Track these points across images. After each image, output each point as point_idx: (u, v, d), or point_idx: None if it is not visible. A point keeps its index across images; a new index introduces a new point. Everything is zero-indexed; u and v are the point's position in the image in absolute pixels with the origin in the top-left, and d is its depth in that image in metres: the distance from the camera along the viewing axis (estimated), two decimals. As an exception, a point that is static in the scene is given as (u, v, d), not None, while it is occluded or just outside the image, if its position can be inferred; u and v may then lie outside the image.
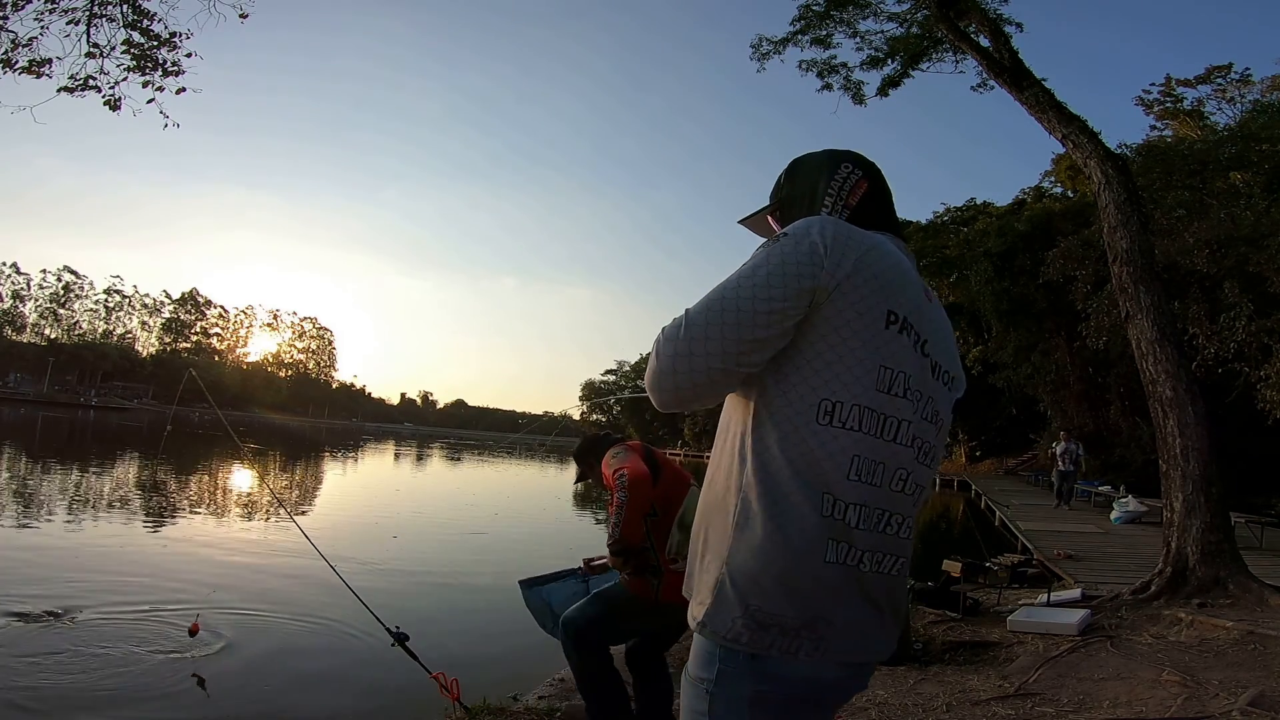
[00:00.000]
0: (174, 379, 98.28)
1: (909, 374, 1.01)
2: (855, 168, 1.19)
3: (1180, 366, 5.83)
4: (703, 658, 0.99)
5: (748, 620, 0.94)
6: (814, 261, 0.96)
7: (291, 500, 14.52)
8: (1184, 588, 5.38)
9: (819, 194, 1.18)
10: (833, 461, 0.95)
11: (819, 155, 1.23)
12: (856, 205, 1.17)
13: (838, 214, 1.15)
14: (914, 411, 1.01)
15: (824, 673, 0.98)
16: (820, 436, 0.96)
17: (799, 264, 0.96)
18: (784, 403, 0.98)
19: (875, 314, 0.98)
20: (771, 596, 0.94)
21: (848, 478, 0.96)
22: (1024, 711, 3.28)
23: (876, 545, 0.98)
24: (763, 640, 0.94)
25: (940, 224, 37.87)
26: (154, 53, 6.89)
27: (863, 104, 10.13)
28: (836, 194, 1.17)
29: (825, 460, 0.95)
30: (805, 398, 0.97)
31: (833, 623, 0.96)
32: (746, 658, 0.96)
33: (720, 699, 0.97)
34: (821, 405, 0.96)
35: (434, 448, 50.07)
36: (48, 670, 4.16)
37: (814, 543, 0.94)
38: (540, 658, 5.02)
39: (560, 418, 20.38)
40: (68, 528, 8.70)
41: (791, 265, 0.96)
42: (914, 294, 1.04)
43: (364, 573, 7.52)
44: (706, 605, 0.98)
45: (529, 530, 11.92)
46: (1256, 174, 15.10)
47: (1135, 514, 11.55)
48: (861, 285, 0.98)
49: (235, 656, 4.66)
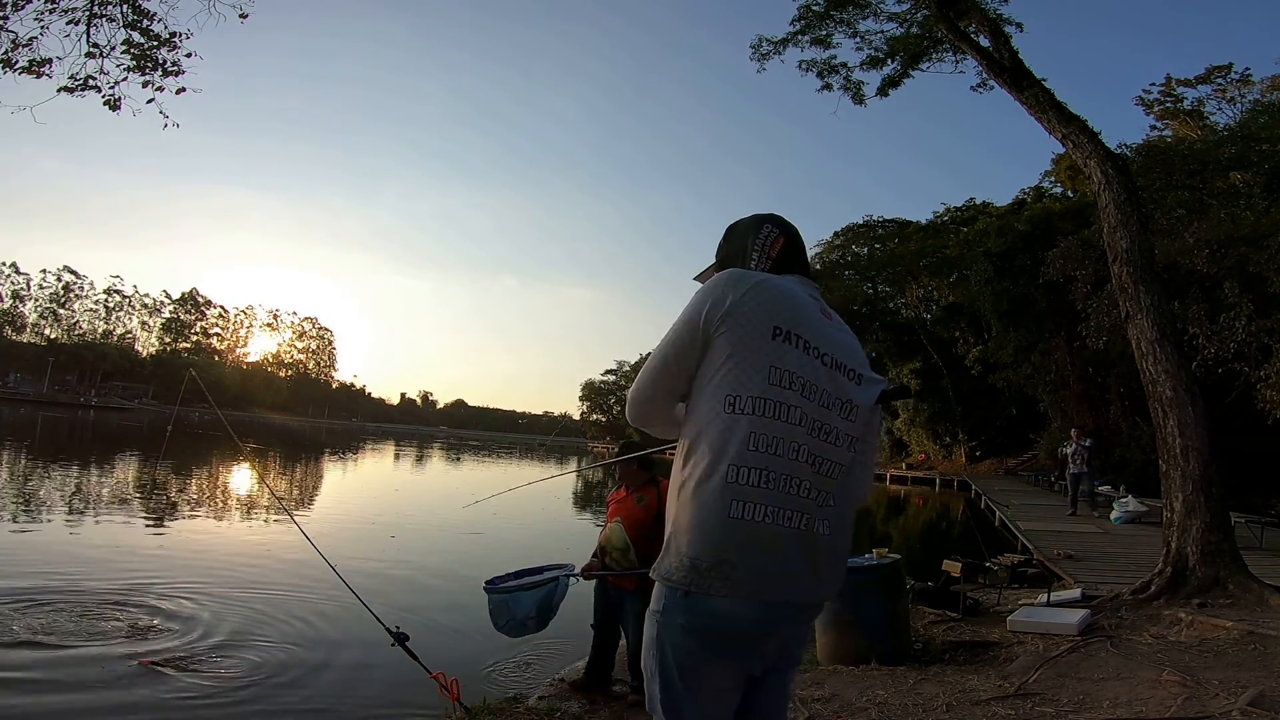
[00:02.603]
0: (174, 379, 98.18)
1: (794, 372, 1.31)
2: (774, 227, 1.53)
3: (1180, 366, 5.83)
4: (656, 595, 1.31)
5: (678, 562, 1.26)
6: (700, 308, 1.33)
7: (291, 500, 14.52)
8: (1184, 588, 5.38)
9: (748, 250, 1.51)
10: (736, 438, 1.26)
11: (748, 220, 1.57)
12: (776, 256, 1.51)
13: (763, 265, 1.48)
14: (804, 400, 1.31)
15: (741, 609, 1.25)
16: (726, 421, 1.28)
17: (691, 313, 1.34)
18: (703, 400, 1.32)
19: (763, 329, 1.31)
20: (692, 544, 1.25)
21: (747, 449, 1.25)
22: (1024, 711, 3.27)
23: (782, 504, 1.26)
24: (687, 579, 1.24)
25: (940, 224, 37.86)
26: (154, 53, 6.88)
27: (863, 104, 10.14)
28: (761, 249, 1.51)
29: (730, 438, 1.26)
30: (715, 395, 1.30)
31: (737, 565, 1.23)
32: (681, 594, 1.26)
33: (665, 626, 1.28)
34: (726, 399, 1.29)
35: (441, 447, 50.06)
36: (40, 679, 4.16)
37: (719, 500, 1.24)
38: (540, 658, 5.02)
39: (561, 418, 20.36)
40: (68, 527, 8.71)
41: (688, 315, 1.35)
42: (804, 314, 1.36)
43: (363, 572, 7.52)
44: (663, 559, 1.30)
45: (528, 530, 11.92)
46: (1256, 174, 15.10)
47: (1135, 514, 11.54)
48: (750, 310, 1.31)
49: (234, 657, 4.65)
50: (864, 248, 40.09)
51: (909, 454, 36.48)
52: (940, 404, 34.11)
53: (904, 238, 37.42)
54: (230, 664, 4.53)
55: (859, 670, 4.07)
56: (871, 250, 39.60)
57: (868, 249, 39.85)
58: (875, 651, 4.25)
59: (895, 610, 4.43)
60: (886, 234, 38.76)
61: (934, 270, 36.58)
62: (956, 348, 29.74)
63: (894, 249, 37.68)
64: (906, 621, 4.64)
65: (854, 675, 3.96)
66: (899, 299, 41.85)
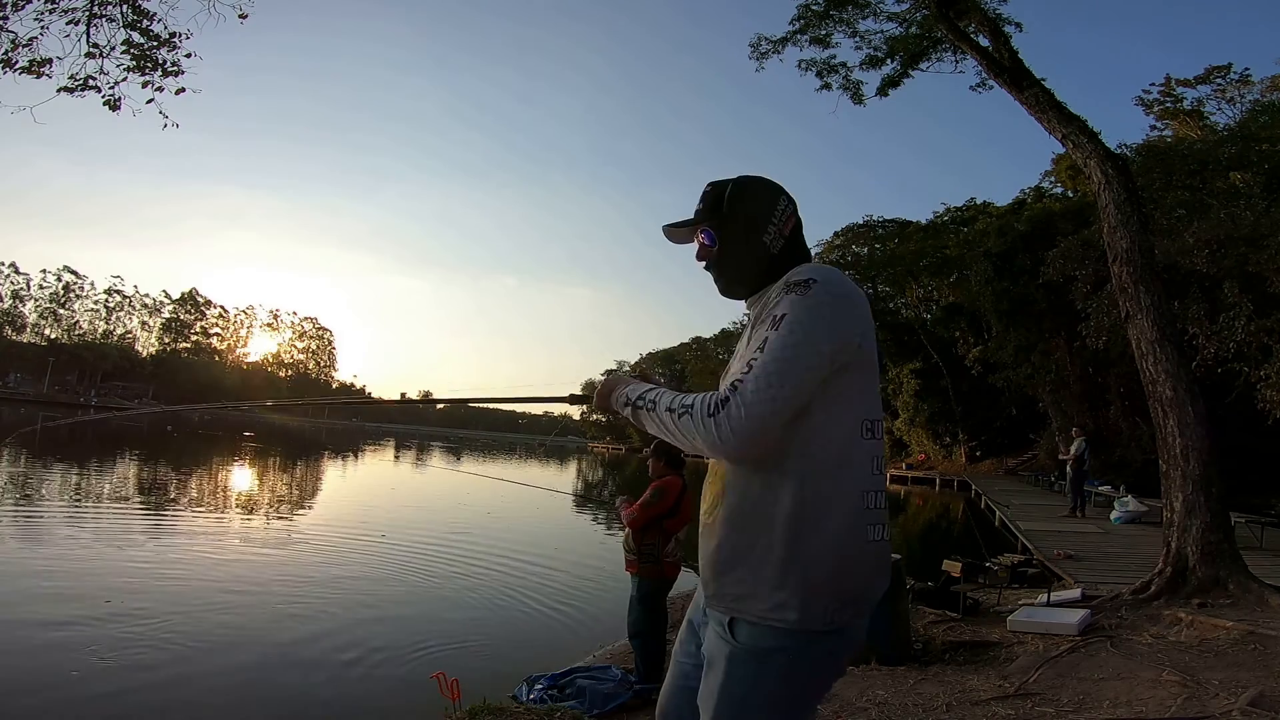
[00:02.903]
0: (174, 379, 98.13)
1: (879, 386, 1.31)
2: (789, 202, 1.38)
3: (1180, 366, 5.83)
4: (775, 636, 1.19)
5: (834, 604, 1.18)
6: (844, 336, 1.21)
7: (291, 500, 14.53)
8: (1184, 588, 5.38)
9: (760, 222, 1.35)
10: (866, 461, 1.23)
11: (758, 184, 1.39)
12: (790, 235, 1.37)
13: (778, 243, 1.35)
14: (882, 413, 1.33)
15: (859, 633, 1.25)
16: (863, 447, 1.23)
17: (839, 327, 1.20)
18: (827, 422, 1.20)
19: (874, 351, 1.27)
20: (847, 580, 1.19)
21: (872, 472, 1.23)
22: (1024, 711, 3.27)
23: (881, 519, 1.25)
24: (844, 616, 1.19)
25: (940, 224, 37.82)
26: (154, 53, 6.88)
27: (862, 104, 10.12)
28: (779, 224, 1.36)
29: (863, 463, 1.22)
30: (845, 418, 1.22)
31: (875, 587, 1.23)
32: (821, 632, 1.18)
33: (789, 670, 1.19)
34: (863, 424, 1.23)
35: (443, 449, 50.07)
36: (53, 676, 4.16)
37: (858, 526, 1.20)
38: (540, 658, 5.02)
39: (560, 418, 20.39)
40: (68, 531, 8.71)
41: (833, 328, 1.20)
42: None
43: (363, 572, 7.53)
44: (788, 602, 1.17)
45: (527, 530, 11.91)
46: (1256, 174, 15.09)
47: (1135, 514, 11.54)
48: (871, 331, 1.25)
49: (234, 657, 4.65)
50: (864, 248, 40.08)
51: (909, 454, 36.45)
52: (940, 404, 34.09)
53: (904, 238, 37.40)
54: (229, 664, 4.53)
55: (859, 670, 4.07)
56: (871, 250, 39.59)
57: (868, 249, 39.84)
58: (875, 651, 4.25)
59: (895, 610, 4.43)
60: (886, 234, 38.75)
61: (934, 270, 36.56)
62: (956, 348, 29.72)
63: (894, 249, 37.67)
64: (906, 621, 4.63)
65: (854, 675, 3.96)
66: (899, 299, 41.85)
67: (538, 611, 6.52)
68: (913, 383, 34.75)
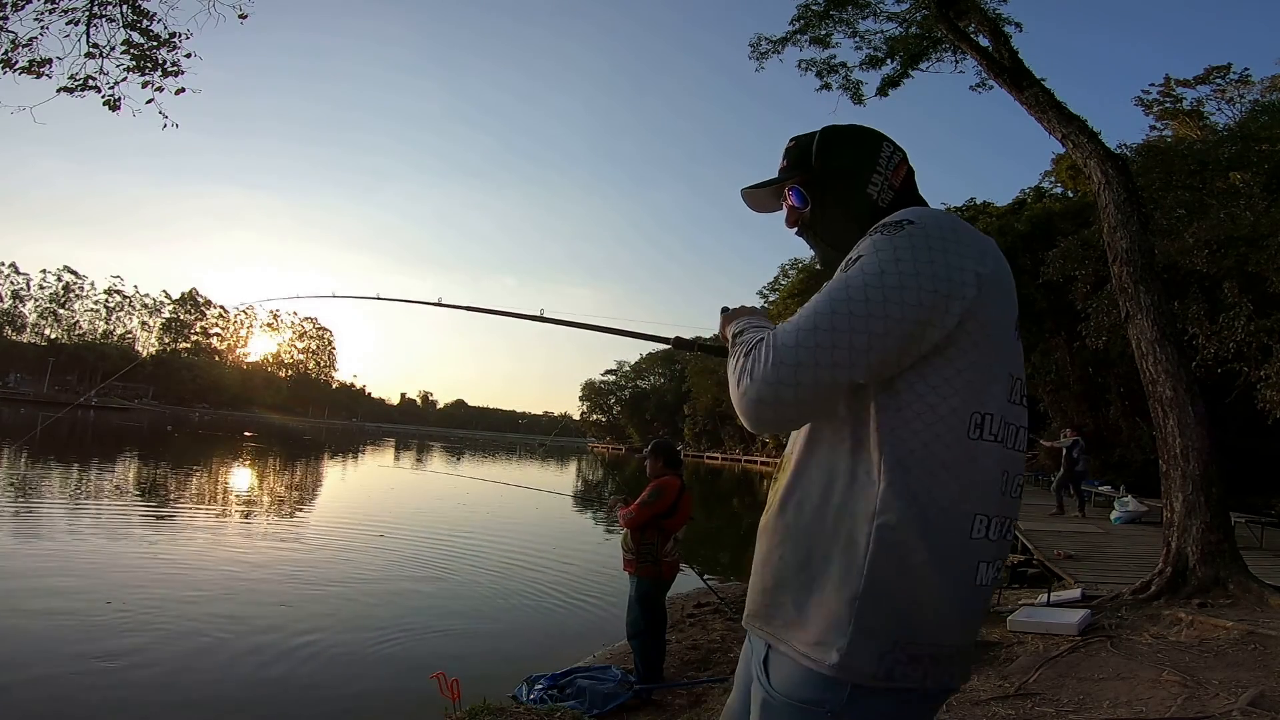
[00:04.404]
0: (174, 379, 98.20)
1: (1022, 380, 0.98)
2: (896, 148, 1.13)
3: (1180, 366, 5.83)
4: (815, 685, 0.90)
5: (897, 655, 0.87)
6: (944, 290, 0.89)
7: (291, 500, 14.53)
8: (1184, 588, 5.38)
9: (861, 172, 1.09)
10: (986, 477, 0.90)
11: (853, 131, 1.14)
12: (900, 187, 1.11)
13: (886, 195, 1.09)
14: (1023, 417, 0.98)
15: (932, 700, 0.94)
16: (972, 451, 0.90)
17: (940, 279, 0.90)
18: (928, 414, 0.90)
19: (1009, 323, 0.97)
20: (925, 628, 0.88)
21: (998, 492, 0.92)
22: (1024, 711, 3.27)
23: (999, 554, 0.94)
24: (913, 674, 0.88)
25: (940, 224, 37.82)
26: (153, 53, 6.88)
27: (862, 104, 10.11)
28: (884, 174, 1.09)
29: (978, 476, 0.90)
30: (957, 410, 0.90)
31: (967, 641, 0.93)
32: (873, 690, 0.88)
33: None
34: (973, 418, 0.90)
35: (444, 450, 50.07)
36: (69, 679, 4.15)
37: (967, 567, 0.89)
38: (540, 658, 5.02)
39: (561, 418, 20.45)
40: (68, 531, 8.71)
41: (928, 278, 0.89)
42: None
43: (363, 572, 7.53)
44: (831, 640, 0.88)
45: (527, 530, 11.91)
46: (1256, 174, 15.07)
47: (1135, 514, 11.54)
48: (996, 294, 0.94)
49: (233, 657, 4.65)
50: (864, 248, 40.06)
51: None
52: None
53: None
54: (230, 664, 4.53)
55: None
56: (871, 250, 39.56)
57: (868, 249, 39.81)
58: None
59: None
60: (886, 234, 38.75)
61: (934, 270, 36.54)
62: (956, 348, 29.68)
63: (894, 249, 37.65)
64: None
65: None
66: (899, 299, 41.79)
67: (538, 612, 6.52)
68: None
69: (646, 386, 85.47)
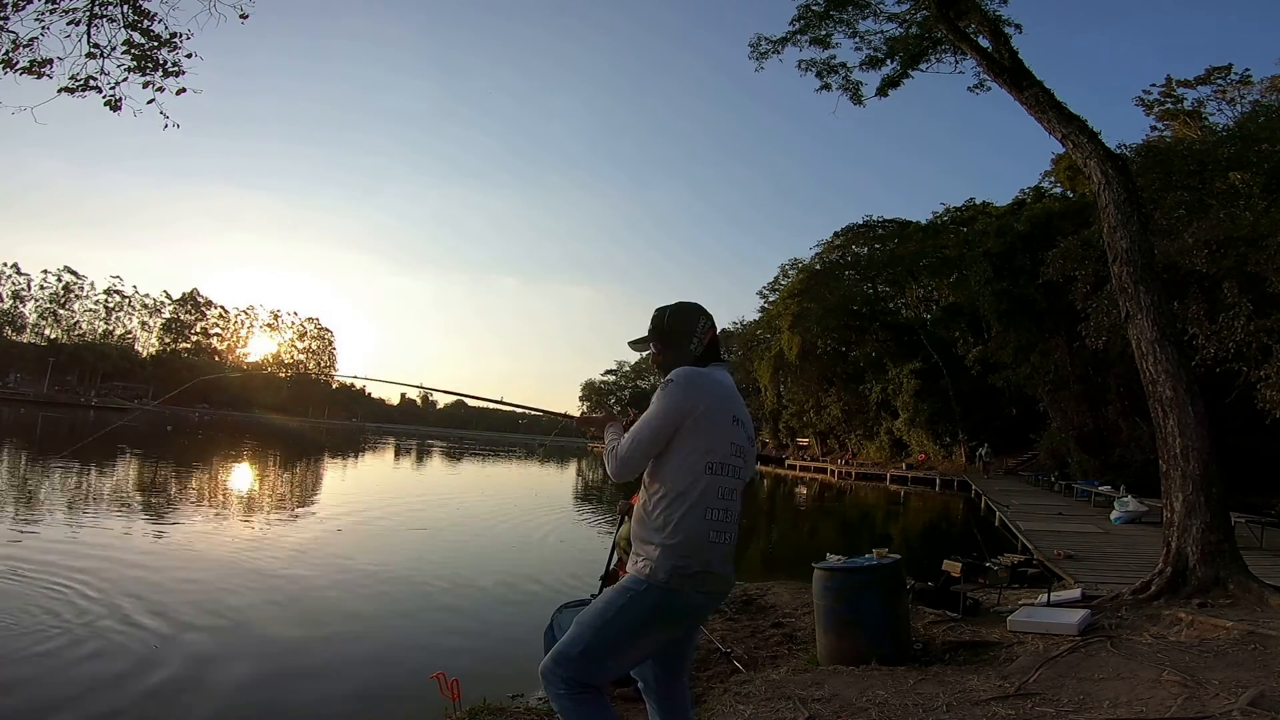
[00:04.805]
0: (174, 379, 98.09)
1: (738, 443, 2.03)
2: (709, 321, 2.16)
3: (1180, 366, 5.83)
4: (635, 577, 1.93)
5: (674, 572, 1.88)
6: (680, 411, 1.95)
7: (290, 500, 14.53)
8: (1184, 588, 5.38)
9: (690, 334, 2.13)
10: (712, 488, 1.95)
11: (689, 308, 2.16)
12: (708, 344, 2.14)
13: (699, 349, 2.12)
14: (737, 458, 2.03)
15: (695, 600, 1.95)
16: (707, 478, 1.95)
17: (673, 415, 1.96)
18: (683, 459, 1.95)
19: (724, 417, 2.01)
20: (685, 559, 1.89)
21: (719, 497, 1.96)
22: (1024, 711, 3.27)
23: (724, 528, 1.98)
24: (683, 583, 1.89)
25: (940, 224, 37.83)
26: (154, 53, 6.88)
27: (861, 104, 10.12)
28: (700, 335, 2.13)
29: (709, 487, 1.95)
30: (700, 459, 1.95)
31: (712, 571, 1.94)
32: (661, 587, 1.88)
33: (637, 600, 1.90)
34: (708, 464, 1.95)
35: (443, 450, 50.07)
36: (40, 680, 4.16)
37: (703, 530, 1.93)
38: (540, 658, 5.02)
39: (561, 417, 20.61)
40: (68, 531, 8.71)
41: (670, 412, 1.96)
42: (737, 399, 2.08)
43: (362, 572, 7.53)
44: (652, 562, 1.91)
45: (524, 530, 11.92)
46: (1256, 174, 15.07)
47: (1135, 514, 11.55)
48: (716, 405, 1.99)
49: (235, 658, 4.66)
50: (864, 248, 40.11)
51: (909, 454, 36.46)
52: (940, 404, 34.08)
53: (904, 238, 37.40)
54: (231, 664, 4.53)
55: (859, 670, 4.07)
56: (871, 250, 39.61)
57: (867, 249, 39.86)
58: (875, 652, 4.24)
59: (895, 610, 4.42)
60: (886, 234, 38.76)
61: (934, 270, 36.56)
62: (956, 348, 29.71)
63: (894, 249, 37.68)
64: (907, 621, 4.63)
65: (854, 675, 3.96)
66: (899, 299, 41.87)
67: (538, 612, 6.52)
68: (913, 383, 34.75)
69: (646, 386, 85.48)
